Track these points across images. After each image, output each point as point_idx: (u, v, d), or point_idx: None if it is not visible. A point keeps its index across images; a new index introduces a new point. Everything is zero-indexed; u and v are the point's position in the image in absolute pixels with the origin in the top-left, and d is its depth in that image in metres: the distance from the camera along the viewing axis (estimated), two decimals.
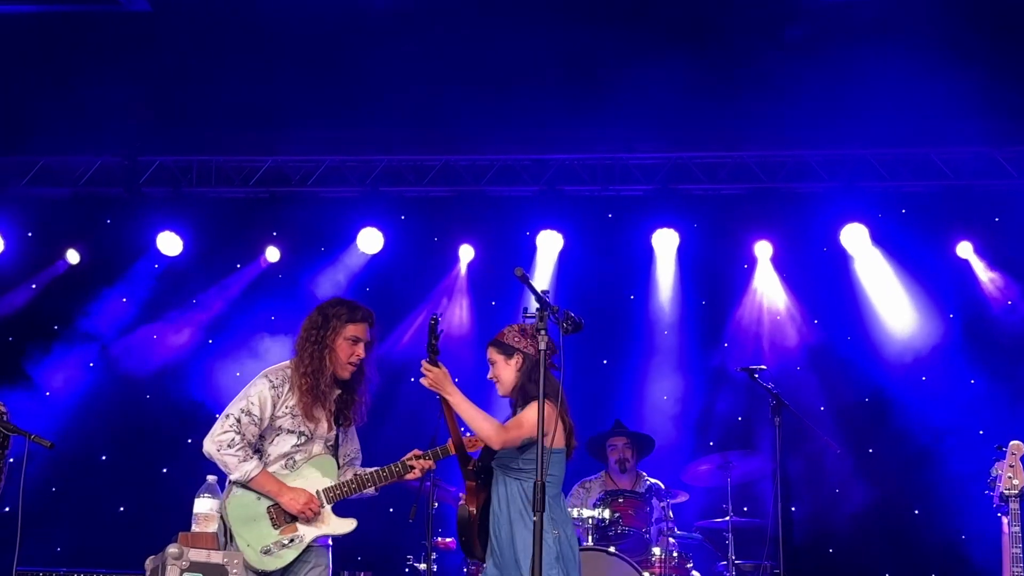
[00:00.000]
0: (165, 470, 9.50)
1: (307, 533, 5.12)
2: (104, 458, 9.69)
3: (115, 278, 9.97)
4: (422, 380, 4.96)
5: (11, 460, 5.12)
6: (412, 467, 5.25)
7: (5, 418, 5.19)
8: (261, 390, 5.17)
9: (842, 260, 9.61)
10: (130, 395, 9.82)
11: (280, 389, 5.18)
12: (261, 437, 5.16)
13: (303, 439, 5.20)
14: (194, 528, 4.86)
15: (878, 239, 9.53)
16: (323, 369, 5.19)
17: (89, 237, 10.09)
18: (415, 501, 5.68)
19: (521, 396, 5.11)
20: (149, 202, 10.04)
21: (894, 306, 9.46)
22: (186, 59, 8.74)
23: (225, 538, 5.05)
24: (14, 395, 8.87)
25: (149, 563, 4.91)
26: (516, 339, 5.15)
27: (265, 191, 10.06)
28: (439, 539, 7.46)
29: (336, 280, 9.83)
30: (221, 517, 5.08)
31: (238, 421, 5.09)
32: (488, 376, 5.23)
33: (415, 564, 7.54)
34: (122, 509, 9.59)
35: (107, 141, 9.78)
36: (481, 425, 4.93)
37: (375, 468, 5.28)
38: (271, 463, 5.15)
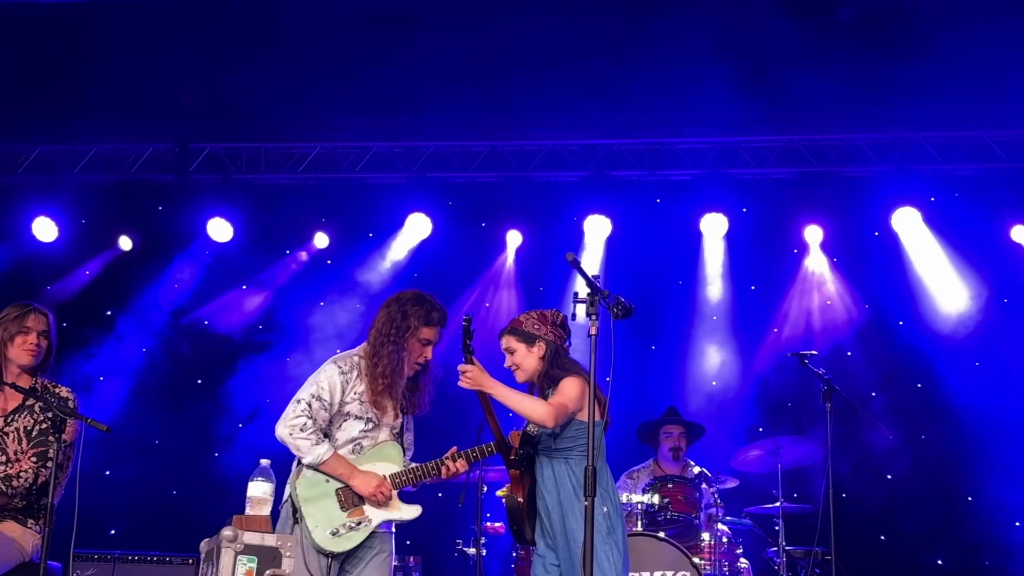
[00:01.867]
0: (217, 454, 9.59)
1: (375, 516, 5.13)
2: (157, 442, 9.79)
3: (166, 264, 10.08)
4: (460, 383, 4.93)
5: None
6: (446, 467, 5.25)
7: (70, 403, 5.26)
8: (331, 376, 5.19)
9: (894, 244, 9.50)
10: (183, 379, 9.93)
11: (349, 376, 5.20)
12: (329, 423, 5.19)
13: (370, 425, 5.23)
14: (248, 511, 4.89)
15: (931, 223, 9.41)
16: (401, 371, 5.20)
17: (141, 224, 10.19)
18: (464, 486, 5.69)
19: (548, 381, 5.07)
20: (199, 189, 10.15)
21: (947, 291, 9.35)
22: (235, 47, 8.78)
23: (294, 518, 5.10)
24: (68, 380, 8.98)
25: (204, 546, 4.96)
26: (536, 326, 5.12)
27: (313, 177, 10.12)
28: (488, 523, 7.47)
29: (384, 266, 9.87)
30: (290, 496, 5.13)
31: (309, 406, 5.11)
32: (506, 364, 5.18)
33: (464, 548, 7.56)
34: (175, 493, 9.70)
35: (157, 129, 9.87)
36: (532, 408, 4.91)
37: (417, 464, 5.28)
38: (339, 448, 5.17)
